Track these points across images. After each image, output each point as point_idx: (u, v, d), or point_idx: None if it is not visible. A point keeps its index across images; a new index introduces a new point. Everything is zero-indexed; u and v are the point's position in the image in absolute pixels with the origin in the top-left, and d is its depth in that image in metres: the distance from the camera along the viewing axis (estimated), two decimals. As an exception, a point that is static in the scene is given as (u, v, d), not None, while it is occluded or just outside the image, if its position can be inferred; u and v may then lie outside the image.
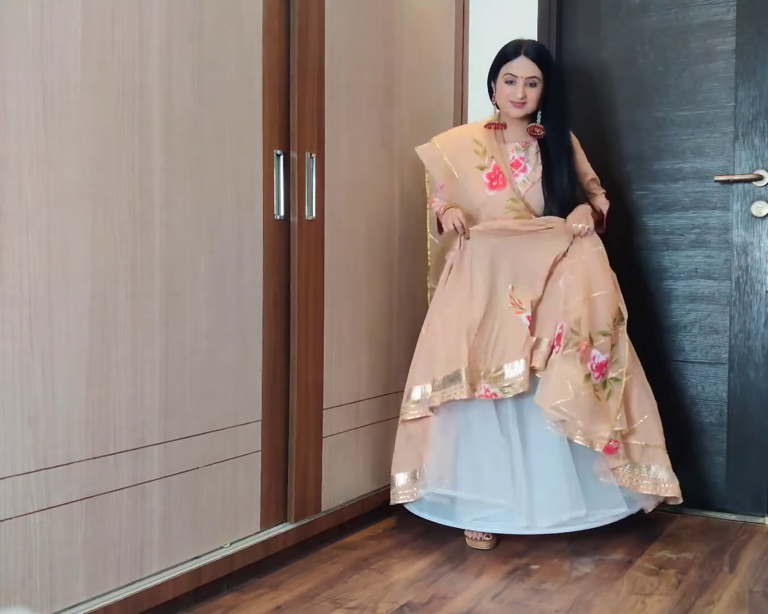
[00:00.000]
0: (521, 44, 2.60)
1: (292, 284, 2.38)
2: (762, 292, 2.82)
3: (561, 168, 2.63)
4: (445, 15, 3.11)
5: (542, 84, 2.60)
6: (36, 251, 1.70)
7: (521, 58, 2.58)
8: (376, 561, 2.41)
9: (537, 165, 2.65)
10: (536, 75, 2.58)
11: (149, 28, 1.93)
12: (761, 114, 2.81)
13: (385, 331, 2.80)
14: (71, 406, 1.78)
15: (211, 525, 2.15)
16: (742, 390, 2.86)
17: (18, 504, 1.68)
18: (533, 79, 2.58)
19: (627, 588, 2.23)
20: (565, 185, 2.63)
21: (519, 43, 2.61)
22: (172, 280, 2.01)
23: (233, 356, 2.20)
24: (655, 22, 2.97)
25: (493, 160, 2.64)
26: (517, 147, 2.67)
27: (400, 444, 2.60)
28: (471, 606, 2.11)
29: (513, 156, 2.67)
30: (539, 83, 2.59)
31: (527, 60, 2.57)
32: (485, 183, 2.63)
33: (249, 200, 2.24)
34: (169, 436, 2.02)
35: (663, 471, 2.52)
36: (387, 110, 2.78)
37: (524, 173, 2.64)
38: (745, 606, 2.12)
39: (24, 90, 1.67)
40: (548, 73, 2.61)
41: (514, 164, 2.66)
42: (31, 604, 1.71)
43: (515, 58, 2.58)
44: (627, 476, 2.49)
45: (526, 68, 2.58)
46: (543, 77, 2.60)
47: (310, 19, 2.40)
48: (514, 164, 2.66)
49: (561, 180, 2.63)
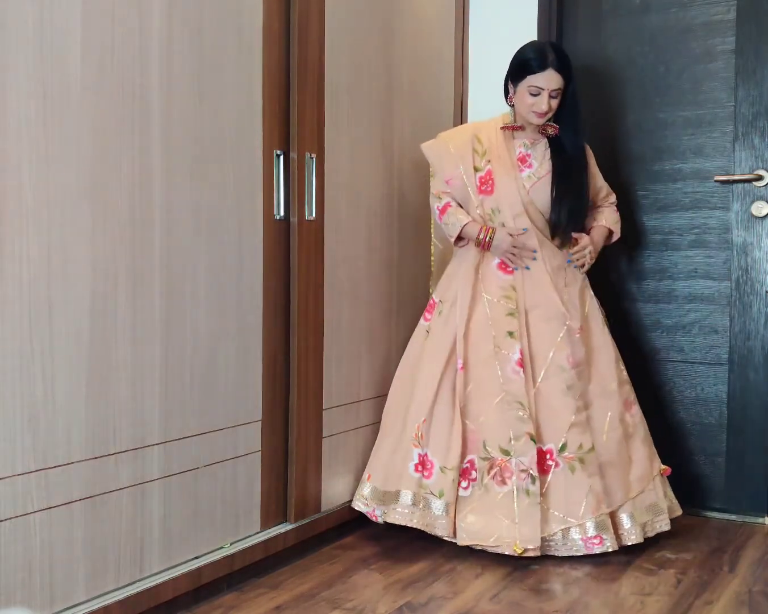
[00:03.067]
0: (546, 54, 2.54)
1: (292, 284, 2.38)
2: (762, 292, 2.82)
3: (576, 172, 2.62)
4: (445, 15, 3.11)
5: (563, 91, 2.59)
6: (36, 251, 1.70)
7: (549, 71, 2.53)
8: (375, 561, 2.41)
9: (544, 161, 2.63)
10: (561, 87, 2.56)
11: (149, 28, 1.93)
12: (761, 114, 2.81)
13: (385, 331, 2.80)
14: (71, 406, 1.78)
15: (211, 525, 2.15)
16: (742, 391, 2.86)
17: (18, 504, 1.68)
18: (557, 91, 2.56)
19: (626, 588, 2.23)
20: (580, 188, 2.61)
21: (544, 52, 2.55)
22: (172, 280, 2.01)
23: (233, 356, 2.20)
24: (655, 22, 2.97)
25: (489, 164, 2.62)
26: (525, 143, 2.65)
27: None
28: (470, 606, 2.11)
29: (520, 151, 2.65)
30: (561, 91, 2.58)
31: (554, 73, 2.53)
32: (477, 186, 2.63)
33: (249, 200, 2.24)
34: (169, 436, 2.02)
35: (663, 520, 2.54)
36: (387, 110, 2.78)
37: (530, 168, 2.63)
38: (744, 606, 2.12)
39: (24, 90, 1.67)
40: (570, 79, 2.59)
41: (520, 159, 2.63)
42: (31, 604, 1.71)
43: (542, 70, 2.53)
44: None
45: (553, 81, 2.54)
46: (565, 85, 2.58)
47: (310, 20, 2.40)
48: (521, 159, 2.63)
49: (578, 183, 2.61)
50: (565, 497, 2.41)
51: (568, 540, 2.40)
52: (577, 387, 2.49)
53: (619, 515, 2.47)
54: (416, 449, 2.51)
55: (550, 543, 2.40)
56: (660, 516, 2.52)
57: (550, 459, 2.44)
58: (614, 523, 2.44)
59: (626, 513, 2.47)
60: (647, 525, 2.50)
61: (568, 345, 2.51)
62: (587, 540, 2.38)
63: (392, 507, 2.47)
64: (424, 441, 2.50)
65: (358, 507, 2.57)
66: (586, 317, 2.60)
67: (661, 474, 2.59)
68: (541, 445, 2.45)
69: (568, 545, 2.40)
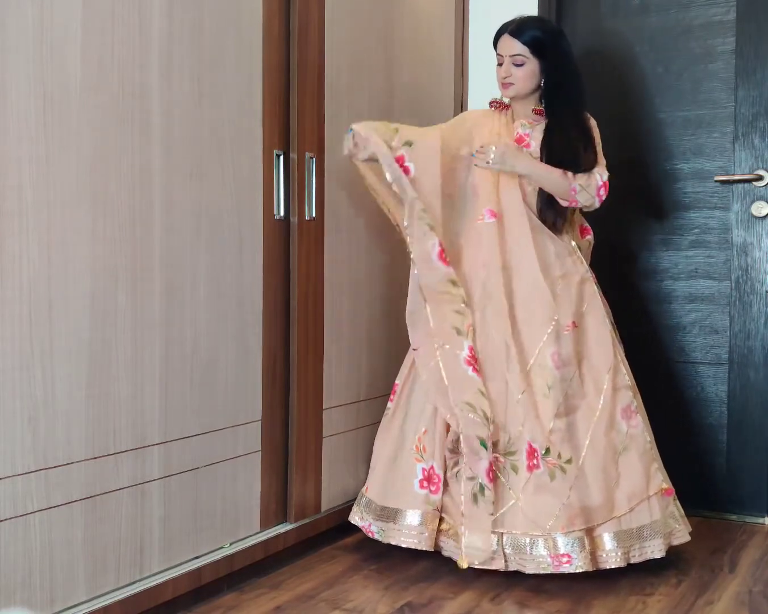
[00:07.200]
0: (510, 22, 2.48)
1: (292, 284, 2.38)
2: (762, 292, 2.82)
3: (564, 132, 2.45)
4: (445, 15, 3.11)
5: (536, 63, 2.45)
6: (36, 251, 1.70)
7: (504, 36, 2.47)
8: (376, 562, 2.41)
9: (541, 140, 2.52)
10: (521, 53, 2.44)
11: (149, 28, 1.93)
12: (761, 114, 2.81)
13: (385, 331, 2.80)
14: (71, 406, 1.78)
15: (211, 525, 2.15)
16: (742, 390, 2.86)
17: (18, 504, 1.68)
18: (519, 59, 2.45)
19: (627, 588, 2.22)
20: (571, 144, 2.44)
21: (509, 22, 2.49)
22: (172, 280, 2.01)
23: (233, 356, 2.20)
24: (654, 22, 2.97)
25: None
26: (523, 124, 2.55)
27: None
28: (471, 606, 2.11)
29: (518, 132, 2.55)
30: (528, 61, 2.45)
31: (510, 38, 2.45)
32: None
33: (249, 200, 2.24)
34: (169, 436, 2.02)
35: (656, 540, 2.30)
36: (387, 110, 2.78)
37: (528, 148, 2.51)
38: (745, 606, 2.12)
39: (24, 90, 1.67)
40: (541, 50, 2.45)
41: (518, 140, 2.53)
42: (31, 604, 1.71)
43: (501, 36, 2.49)
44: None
45: (509, 47, 2.46)
46: (534, 55, 2.45)
47: (310, 20, 2.40)
48: (518, 140, 2.53)
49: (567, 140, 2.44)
50: (538, 503, 2.23)
51: (536, 555, 2.21)
52: (559, 388, 2.30)
53: (601, 534, 2.24)
54: (419, 464, 2.37)
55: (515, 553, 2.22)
56: (653, 540, 2.26)
57: (535, 459, 2.26)
58: (593, 542, 2.23)
59: (609, 533, 2.24)
60: (634, 549, 2.25)
61: (555, 342, 2.34)
62: (555, 557, 2.19)
63: (393, 526, 2.36)
64: (427, 454, 2.37)
65: (354, 520, 2.47)
66: (582, 313, 2.44)
67: (663, 494, 2.33)
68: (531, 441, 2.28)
69: (536, 560, 2.21)
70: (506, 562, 2.23)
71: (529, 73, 2.47)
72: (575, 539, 2.20)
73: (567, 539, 2.20)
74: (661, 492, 2.33)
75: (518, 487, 2.26)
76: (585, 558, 2.19)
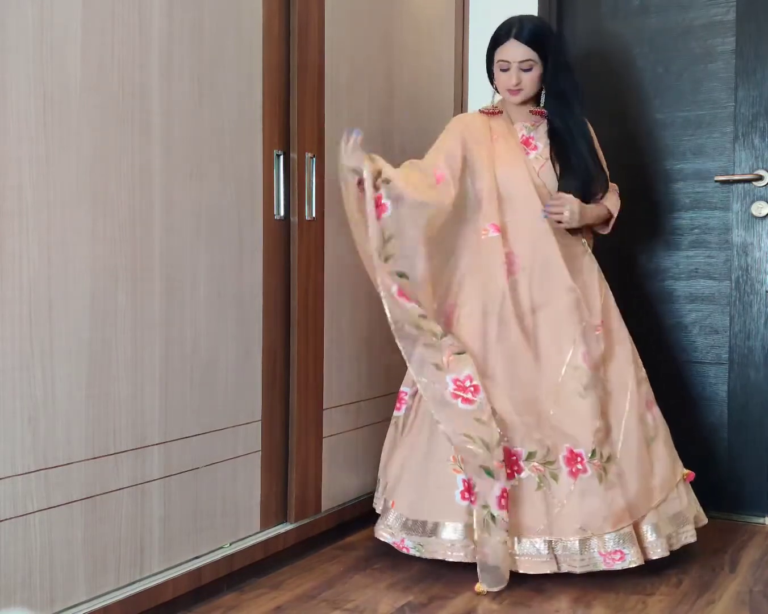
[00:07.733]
0: (512, 25, 2.43)
1: (292, 284, 2.38)
2: (762, 292, 2.82)
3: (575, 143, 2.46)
4: (445, 15, 3.12)
5: (541, 64, 2.44)
6: (36, 251, 1.70)
7: (512, 42, 2.41)
8: (376, 561, 2.41)
9: (548, 142, 2.51)
10: (530, 58, 2.42)
11: (149, 28, 1.94)
12: (761, 114, 2.81)
13: (386, 331, 2.78)
14: (71, 406, 1.78)
15: (211, 525, 2.15)
16: (743, 390, 2.86)
17: (18, 504, 1.68)
18: (527, 64, 2.43)
19: (627, 587, 2.22)
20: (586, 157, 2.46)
21: (510, 24, 2.44)
22: (172, 280, 2.01)
23: (233, 356, 2.20)
24: (654, 23, 2.97)
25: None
26: (525, 126, 2.53)
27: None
28: (471, 606, 2.10)
29: (522, 134, 2.53)
30: (536, 65, 2.43)
31: (519, 44, 2.41)
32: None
33: (249, 200, 2.24)
34: (169, 436, 2.02)
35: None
36: (387, 110, 2.79)
37: (535, 150, 2.50)
38: (745, 605, 2.12)
39: (24, 90, 1.67)
40: (545, 52, 2.43)
41: (524, 142, 2.51)
42: (31, 604, 1.71)
43: (506, 42, 2.43)
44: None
45: (518, 53, 2.41)
46: (540, 58, 2.43)
47: (310, 20, 2.40)
48: (525, 142, 2.51)
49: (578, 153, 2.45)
50: (586, 507, 2.22)
51: (587, 556, 2.21)
52: (595, 387, 2.31)
53: (642, 526, 2.28)
54: (459, 475, 2.24)
55: (566, 555, 2.21)
56: (686, 526, 2.35)
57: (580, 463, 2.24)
58: (638, 535, 2.25)
59: (650, 524, 2.28)
60: (672, 537, 2.32)
61: (584, 342, 2.33)
62: (606, 555, 2.20)
63: (434, 540, 2.25)
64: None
65: (383, 537, 2.35)
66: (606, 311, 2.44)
67: (684, 480, 2.42)
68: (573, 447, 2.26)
69: (586, 560, 2.20)
70: (558, 564, 2.22)
71: (536, 77, 2.47)
72: (625, 534, 2.22)
73: (617, 536, 2.22)
74: (684, 477, 2.43)
75: (562, 494, 2.24)
76: (636, 553, 2.22)
